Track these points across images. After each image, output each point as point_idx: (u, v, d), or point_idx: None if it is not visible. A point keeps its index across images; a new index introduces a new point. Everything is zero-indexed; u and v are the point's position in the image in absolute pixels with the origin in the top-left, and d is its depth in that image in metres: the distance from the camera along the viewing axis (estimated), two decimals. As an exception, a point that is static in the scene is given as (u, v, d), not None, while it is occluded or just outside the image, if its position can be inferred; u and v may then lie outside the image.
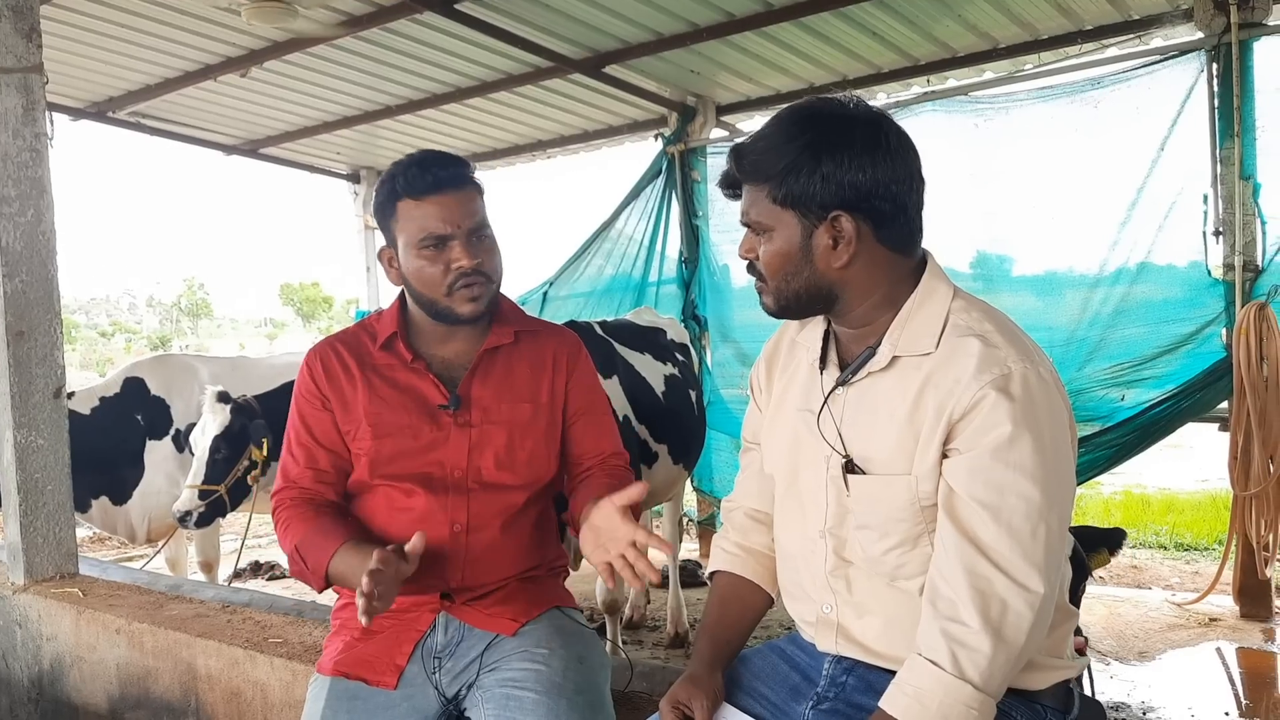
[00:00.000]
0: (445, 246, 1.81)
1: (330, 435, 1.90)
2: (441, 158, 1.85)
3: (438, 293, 1.83)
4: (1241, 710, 3.85)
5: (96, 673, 2.76)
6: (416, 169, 1.81)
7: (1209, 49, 4.67)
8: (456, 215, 1.80)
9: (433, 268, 1.81)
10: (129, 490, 4.82)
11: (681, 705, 1.50)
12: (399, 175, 1.82)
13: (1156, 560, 6.53)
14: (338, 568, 1.77)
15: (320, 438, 1.90)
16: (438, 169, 1.81)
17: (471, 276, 1.81)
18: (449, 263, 1.81)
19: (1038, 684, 1.42)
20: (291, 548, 1.84)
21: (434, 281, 1.82)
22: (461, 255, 1.80)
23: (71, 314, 66.15)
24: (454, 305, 1.83)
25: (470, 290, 1.82)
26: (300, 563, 1.82)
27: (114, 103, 6.35)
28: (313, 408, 1.91)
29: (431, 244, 1.81)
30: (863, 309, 1.45)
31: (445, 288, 1.82)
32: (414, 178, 1.80)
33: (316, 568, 1.78)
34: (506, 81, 6.11)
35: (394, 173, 1.84)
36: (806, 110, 1.40)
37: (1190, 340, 4.81)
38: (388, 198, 1.85)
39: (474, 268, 1.81)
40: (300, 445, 1.91)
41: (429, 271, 1.81)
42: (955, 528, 1.32)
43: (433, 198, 1.80)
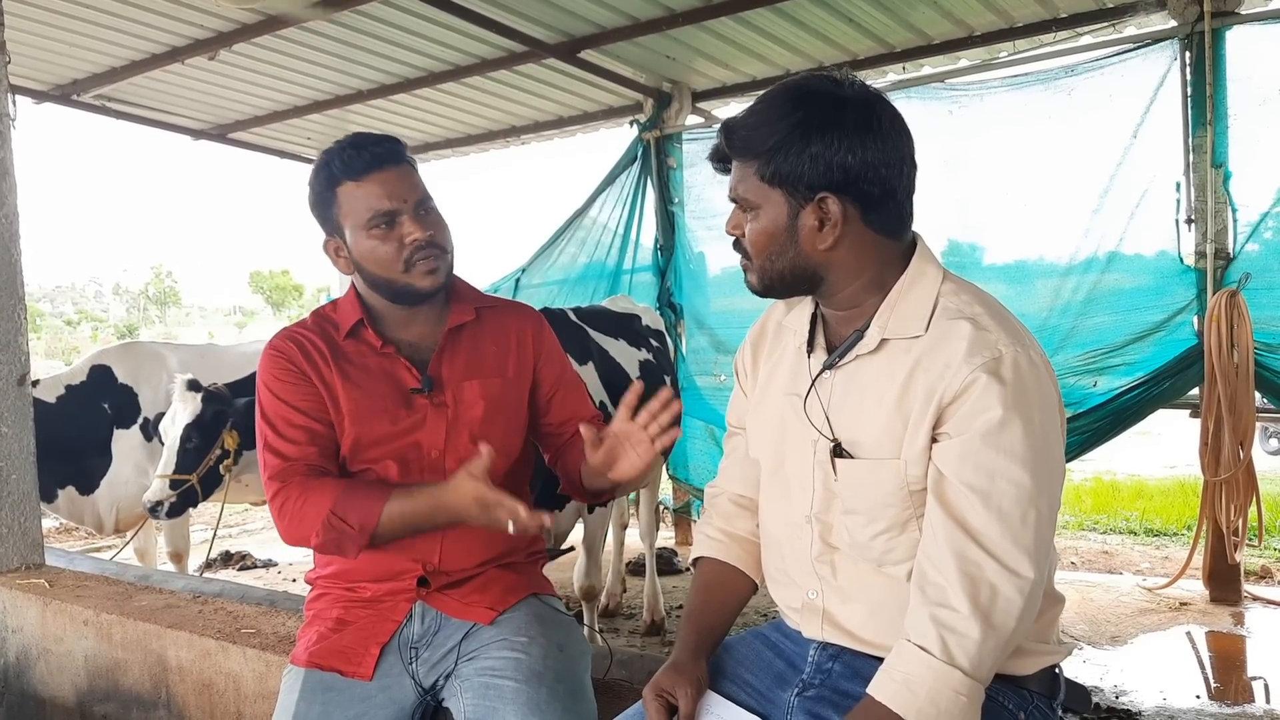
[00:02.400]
0: (395, 223, 1.78)
1: (323, 411, 1.84)
2: (373, 136, 1.82)
3: (394, 271, 1.79)
4: (1211, 693, 3.90)
5: (64, 665, 2.70)
6: (352, 150, 1.79)
7: (1182, 37, 4.69)
8: (401, 190, 1.78)
9: (385, 246, 1.78)
10: (96, 480, 4.74)
11: (665, 693, 1.48)
12: (334, 160, 1.79)
13: (1127, 546, 6.60)
14: (392, 515, 1.70)
15: (311, 412, 1.83)
16: (373, 146, 1.79)
17: (427, 249, 1.79)
18: (401, 238, 1.78)
19: (1025, 669, 1.41)
20: (325, 514, 1.72)
21: (389, 260, 1.79)
22: (414, 228, 1.78)
23: (36, 302, 65.16)
24: (413, 281, 1.80)
25: (428, 263, 1.79)
26: (340, 526, 1.71)
27: (79, 85, 6.22)
28: (297, 387, 1.84)
29: (381, 222, 1.78)
30: (849, 291, 1.43)
31: (402, 264, 1.78)
32: (350, 159, 1.78)
33: (365, 523, 1.70)
34: (480, 66, 6.05)
35: (326, 159, 1.81)
36: (799, 88, 1.38)
37: (1161, 328, 4.85)
38: (325, 185, 1.81)
39: (428, 239, 1.79)
40: (294, 426, 1.82)
41: (382, 250, 1.78)
42: (945, 512, 1.31)
43: (374, 175, 1.77)
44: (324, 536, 1.74)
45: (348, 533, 1.72)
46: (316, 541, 1.75)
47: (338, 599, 1.88)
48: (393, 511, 1.71)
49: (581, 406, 2.03)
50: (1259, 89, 4.57)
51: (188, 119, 7.14)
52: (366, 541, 1.72)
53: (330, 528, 1.73)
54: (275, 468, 1.80)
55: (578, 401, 2.03)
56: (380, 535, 1.72)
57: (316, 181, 1.83)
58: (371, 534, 1.71)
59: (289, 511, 1.76)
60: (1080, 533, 7.07)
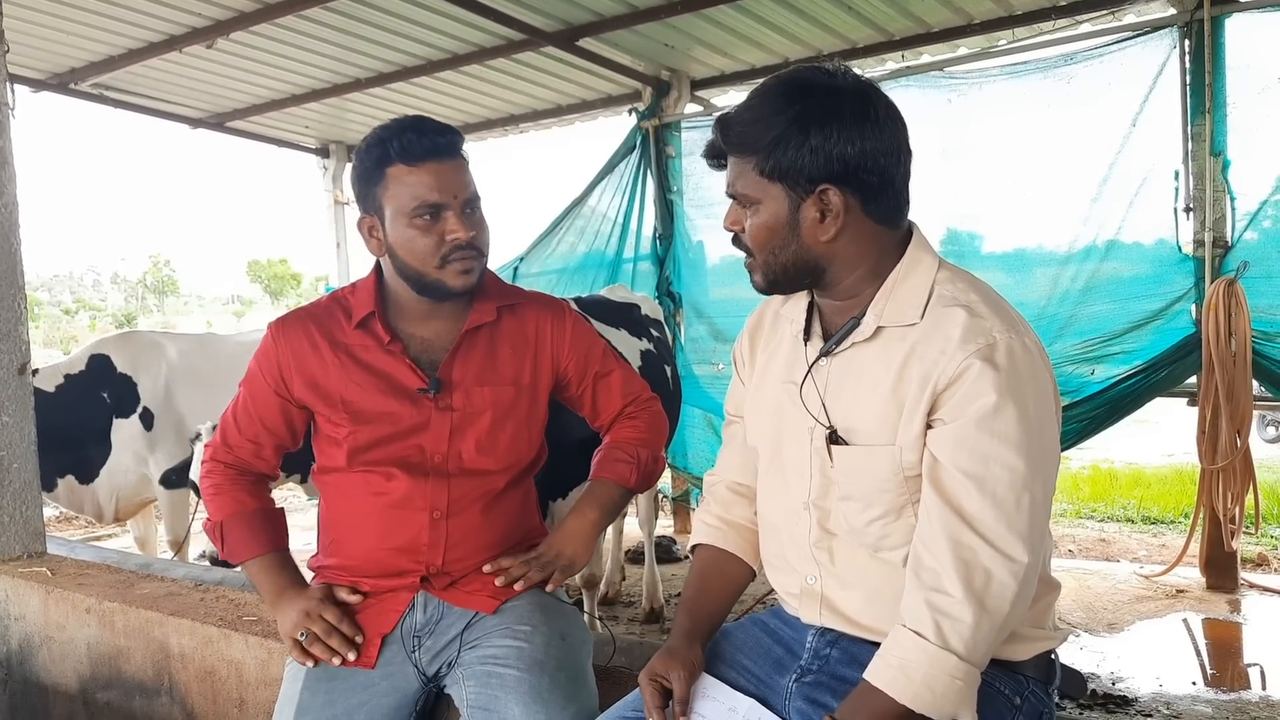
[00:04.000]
0: (440, 217, 1.74)
1: (276, 420, 1.92)
2: (437, 125, 1.78)
3: (428, 265, 1.76)
4: (1208, 680, 3.92)
5: (66, 652, 2.72)
6: (413, 133, 1.74)
7: (1181, 25, 4.69)
8: (453, 185, 1.75)
9: (425, 238, 1.75)
10: (96, 469, 4.75)
11: (660, 677, 1.49)
12: (391, 139, 1.74)
13: (1124, 534, 6.63)
14: (251, 570, 1.91)
15: (265, 418, 1.92)
16: (435, 135, 1.75)
17: (466, 250, 1.76)
18: (443, 234, 1.74)
19: (1021, 654, 1.42)
20: (217, 522, 1.93)
21: (425, 253, 1.75)
22: (458, 227, 1.74)
23: (34, 291, 65.02)
24: (445, 279, 1.77)
25: (464, 263, 1.76)
26: (219, 539, 1.93)
27: (76, 74, 6.21)
28: (266, 387, 1.89)
29: (426, 213, 1.74)
30: (849, 281, 1.44)
31: (438, 259, 1.75)
32: (410, 143, 1.73)
33: (233, 553, 1.92)
34: (478, 54, 6.03)
35: (384, 137, 1.76)
36: (794, 81, 1.38)
37: (1159, 316, 4.85)
38: (376, 163, 1.76)
39: (469, 240, 1.75)
40: (247, 416, 1.93)
41: (421, 243, 1.75)
42: (940, 498, 1.32)
43: (429, 164, 1.74)
44: (214, 536, 1.95)
45: (220, 545, 1.94)
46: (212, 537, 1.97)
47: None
48: (252, 568, 1.92)
49: (614, 398, 2.01)
50: (1258, 77, 4.57)
51: (186, 107, 7.13)
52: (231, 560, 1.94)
53: (213, 532, 1.95)
54: (215, 445, 1.97)
55: (610, 395, 2.01)
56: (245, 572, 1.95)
57: (368, 156, 1.78)
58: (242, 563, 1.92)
59: (205, 497, 1.97)
60: (1078, 520, 7.10)
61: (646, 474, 2.00)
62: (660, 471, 2.09)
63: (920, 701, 1.27)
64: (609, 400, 2.02)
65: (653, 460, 2.02)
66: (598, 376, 2.00)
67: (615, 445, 2.01)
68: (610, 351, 2.05)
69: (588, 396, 2.01)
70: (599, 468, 1.99)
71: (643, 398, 2.06)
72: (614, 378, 2.02)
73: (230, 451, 1.94)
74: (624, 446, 2.00)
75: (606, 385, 2.01)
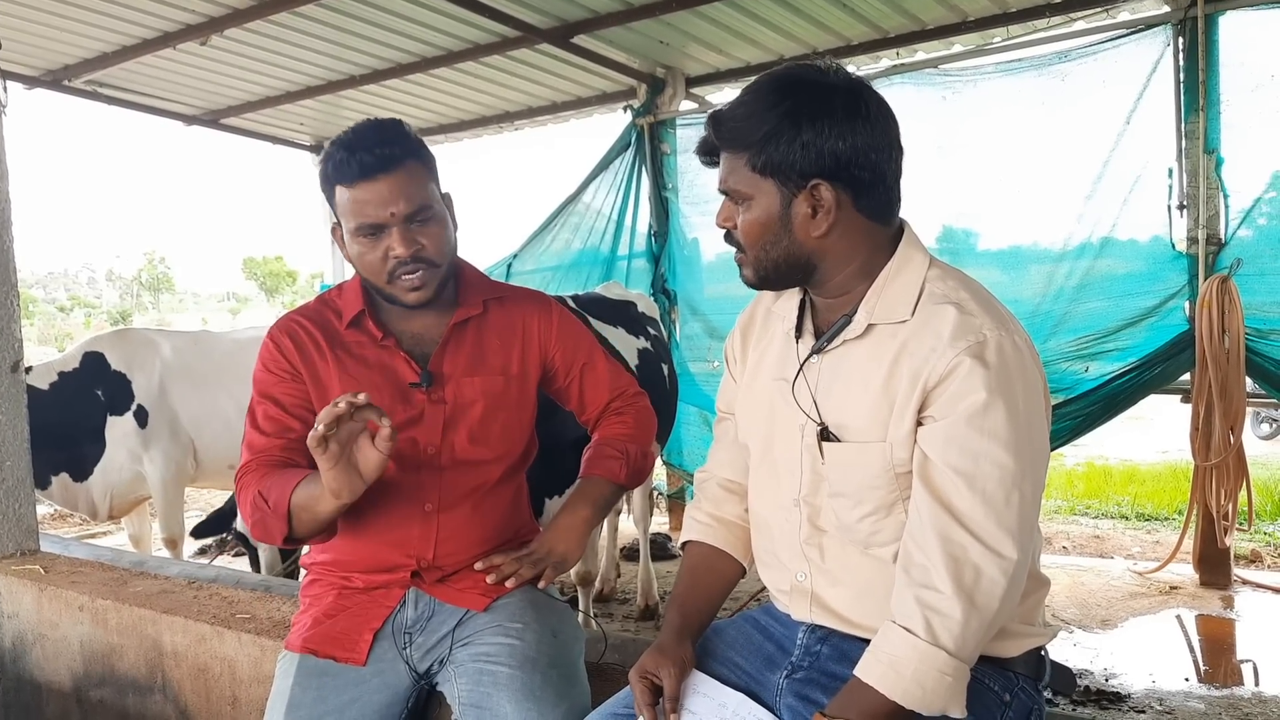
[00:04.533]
0: (381, 234, 1.73)
1: (301, 407, 1.84)
2: (374, 136, 1.72)
3: (379, 280, 1.77)
4: (1201, 676, 3.94)
5: (60, 650, 2.72)
6: (344, 152, 1.70)
7: (1175, 23, 4.69)
8: (389, 201, 1.70)
9: (371, 255, 1.75)
10: (90, 467, 4.74)
11: (650, 675, 1.49)
12: (329, 159, 1.73)
13: (1118, 530, 6.64)
14: (301, 495, 1.64)
15: (291, 408, 1.83)
16: (363, 153, 1.69)
17: (410, 265, 1.74)
18: (386, 251, 1.73)
19: (1010, 651, 1.43)
20: (254, 495, 1.71)
21: (375, 268, 1.76)
22: (398, 244, 1.72)
23: (29, 289, 64.97)
24: (397, 293, 1.78)
25: (411, 279, 1.75)
26: (263, 507, 1.68)
27: (70, 71, 6.18)
28: (282, 380, 1.85)
29: (366, 232, 1.73)
30: (840, 278, 1.44)
31: (386, 275, 1.75)
32: (342, 163, 1.71)
33: (279, 504, 1.66)
34: (473, 51, 6.02)
35: (328, 153, 1.75)
36: (786, 77, 1.39)
37: (1153, 313, 4.86)
38: (324, 180, 1.78)
39: (411, 255, 1.73)
40: (268, 419, 1.83)
41: (369, 258, 1.75)
42: (930, 494, 1.32)
43: (363, 184, 1.70)
44: (252, 517, 1.72)
45: (268, 513, 1.68)
46: (248, 521, 1.73)
47: (332, 585, 1.89)
48: (300, 492, 1.65)
49: (600, 390, 2.02)
50: (1251, 75, 4.58)
51: (180, 104, 7.11)
52: (284, 524, 1.67)
53: (256, 508, 1.71)
54: (244, 460, 1.81)
55: (597, 385, 2.02)
56: (294, 517, 1.66)
57: (321, 171, 1.79)
58: (286, 515, 1.66)
59: (241, 505, 1.77)
60: (1072, 517, 7.11)
61: (636, 469, 2.01)
62: (650, 467, 2.10)
63: (910, 698, 1.27)
64: (596, 392, 2.03)
65: (642, 456, 2.03)
66: (585, 368, 2.01)
67: (604, 442, 2.01)
68: (597, 345, 2.06)
69: (574, 389, 2.02)
70: (589, 465, 1.99)
71: (629, 392, 2.07)
72: (601, 370, 2.03)
73: (259, 456, 1.80)
74: (613, 443, 2.00)
75: (594, 377, 2.02)
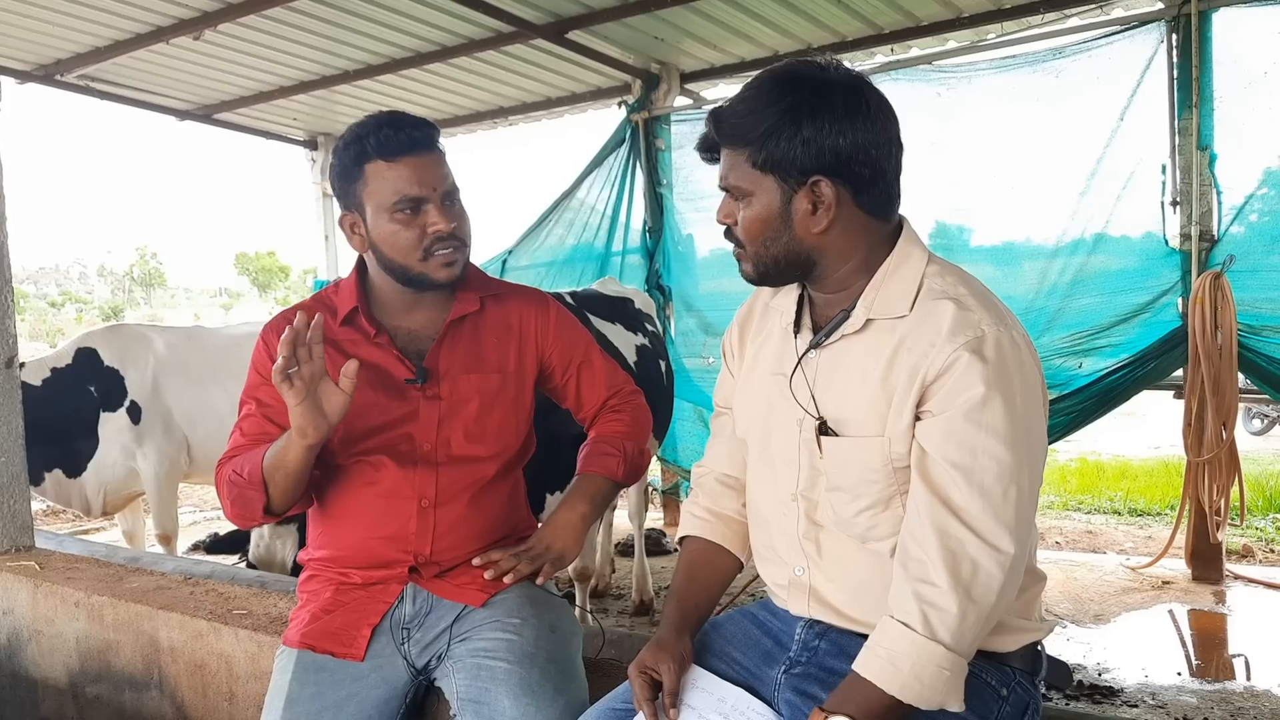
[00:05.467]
0: (421, 210, 1.76)
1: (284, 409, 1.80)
2: (413, 119, 1.79)
3: (412, 258, 1.78)
4: (1193, 670, 3.96)
5: (55, 646, 2.71)
6: (390, 129, 1.75)
7: (1169, 20, 4.70)
8: (432, 177, 1.76)
9: (407, 232, 1.76)
10: (83, 463, 4.73)
11: (649, 670, 1.50)
12: (368, 136, 1.76)
13: (1111, 525, 6.66)
14: (270, 454, 1.68)
15: (273, 412, 1.82)
16: (411, 129, 1.76)
17: (448, 241, 1.77)
18: (425, 226, 1.76)
19: (1007, 646, 1.43)
20: (229, 475, 1.76)
21: (408, 247, 1.77)
22: (439, 219, 1.76)
23: (20, 284, 64.55)
24: (429, 271, 1.79)
25: (447, 255, 1.78)
26: (239, 481, 1.72)
27: (62, 65, 6.17)
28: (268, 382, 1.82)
29: (407, 207, 1.75)
30: (840, 274, 1.44)
31: (421, 252, 1.77)
32: (387, 138, 1.75)
33: (253, 471, 1.70)
34: (468, 46, 6.02)
35: (361, 134, 1.77)
36: (787, 74, 1.39)
37: (1146, 309, 4.88)
38: (354, 160, 1.78)
39: (451, 231, 1.77)
40: (249, 418, 1.84)
41: (403, 236, 1.77)
42: (927, 489, 1.33)
43: (407, 159, 1.75)
44: (230, 496, 1.75)
45: (244, 485, 1.72)
46: (229, 507, 1.77)
47: (329, 581, 1.88)
48: (270, 453, 1.69)
49: (598, 387, 2.03)
50: (1245, 72, 4.59)
51: (173, 99, 7.09)
52: (261, 492, 1.70)
53: (232, 485, 1.74)
54: (223, 455, 1.83)
55: (594, 383, 2.03)
56: (269, 481, 1.69)
57: (345, 154, 1.80)
58: (261, 482, 1.69)
59: (221, 491, 1.80)
60: (1065, 513, 7.14)
61: (633, 467, 2.01)
62: (646, 465, 2.11)
63: (908, 692, 1.28)
64: (593, 391, 2.03)
65: (639, 454, 2.04)
66: (582, 366, 2.02)
67: (601, 439, 2.02)
68: (594, 343, 2.07)
69: (571, 387, 2.02)
70: (586, 462, 2.00)
71: (626, 390, 2.08)
72: (598, 368, 2.04)
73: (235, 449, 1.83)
74: (610, 440, 2.01)
75: (591, 375, 2.03)
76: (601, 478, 1.98)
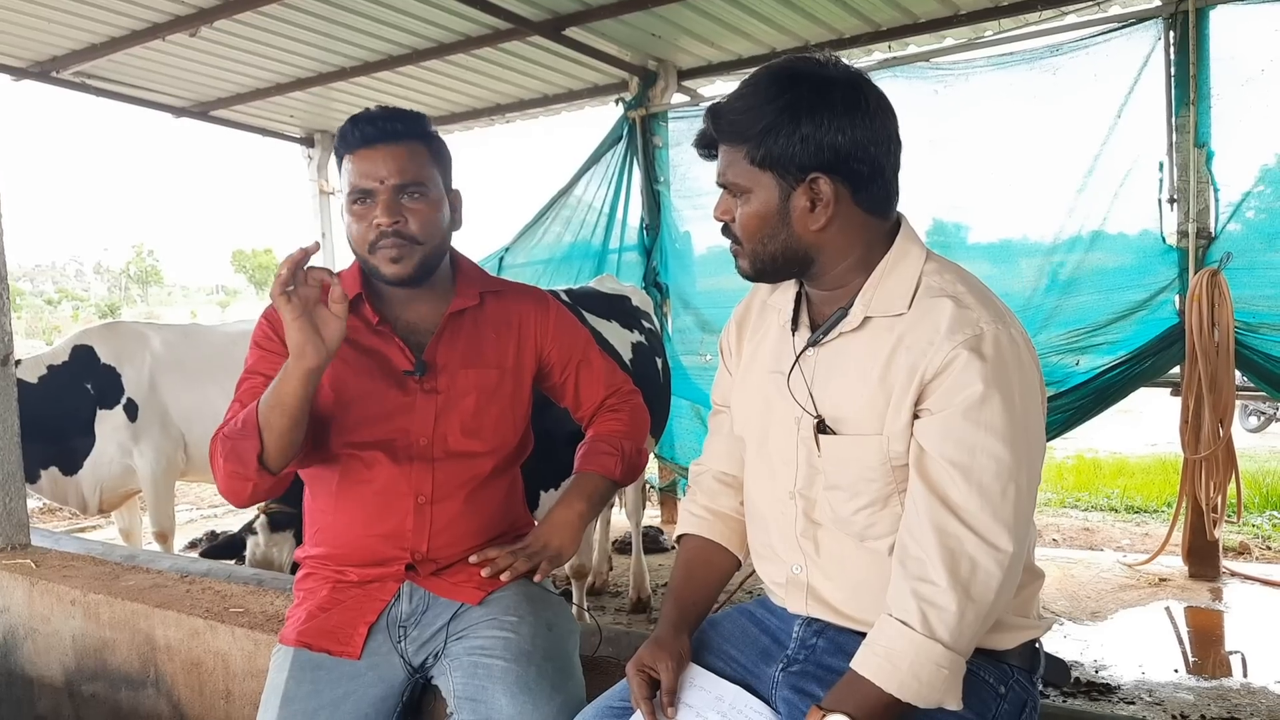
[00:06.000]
0: (370, 203, 1.76)
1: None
2: (385, 113, 1.79)
3: (363, 250, 1.79)
4: (1189, 667, 3.96)
5: (52, 644, 2.70)
6: (351, 123, 1.78)
7: (1166, 17, 4.70)
8: (381, 170, 1.74)
9: (358, 224, 1.77)
10: (79, 460, 4.72)
11: (647, 668, 1.50)
12: (348, 129, 1.79)
13: (1108, 522, 6.67)
14: (266, 394, 1.65)
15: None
16: (367, 125, 1.76)
17: (390, 238, 1.75)
18: (371, 220, 1.75)
19: (1006, 644, 1.43)
20: (221, 437, 1.72)
21: (360, 239, 1.79)
22: (381, 212, 1.74)
23: (17, 281, 64.36)
24: (378, 265, 1.78)
25: (389, 252, 1.76)
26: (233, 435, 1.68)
27: (58, 62, 6.14)
28: (272, 356, 1.83)
29: (357, 199, 1.76)
30: (837, 271, 1.44)
31: (367, 245, 1.77)
32: (347, 132, 1.78)
33: (248, 418, 1.66)
34: (464, 43, 6.00)
35: (344, 128, 1.81)
36: (786, 70, 1.38)
37: (1144, 306, 4.88)
38: (337, 153, 1.83)
39: (392, 226, 1.74)
40: (250, 392, 1.80)
41: (355, 228, 1.78)
42: (926, 487, 1.32)
43: (362, 151, 1.76)
44: (224, 454, 1.71)
45: (236, 435, 1.68)
46: (222, 465, 1.71)
47: (326, 579, 1.88)
48: (265, 394, 1.66)
49: (597, 386, 2.03)
50: (1242, 69, 4.59)
51: (169, 96, 7.06)
52: (256, 440, 1.65)
53: (226, 442, 1.71)
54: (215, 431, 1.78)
55: (593, 382, 2.03)
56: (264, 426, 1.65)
57: (335, 148, 1.84)
58: (256, 428, 1.65)
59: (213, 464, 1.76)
60: (1062, 510, 7.14)
61: (631, 466, 2.01)
62: (644, 465, 2.11)
63: (907, 690, 1.28)
64: (591, 389, 2.03)
65: (636, 453, 2.04)
66: (580, 365, 2.02)
67: (599, 438, 2.02)
68: (593, 341, 2.07)
69: (570, 385, 2.02)
70: (584, 460, 1.99)
71: (624, 389, 2.07)
72: (596, 366, 2.04)
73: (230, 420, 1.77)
74: (608, 439, 2.01)
75: (589, 374, 2.03)
76: (599, 476, 1.98)
